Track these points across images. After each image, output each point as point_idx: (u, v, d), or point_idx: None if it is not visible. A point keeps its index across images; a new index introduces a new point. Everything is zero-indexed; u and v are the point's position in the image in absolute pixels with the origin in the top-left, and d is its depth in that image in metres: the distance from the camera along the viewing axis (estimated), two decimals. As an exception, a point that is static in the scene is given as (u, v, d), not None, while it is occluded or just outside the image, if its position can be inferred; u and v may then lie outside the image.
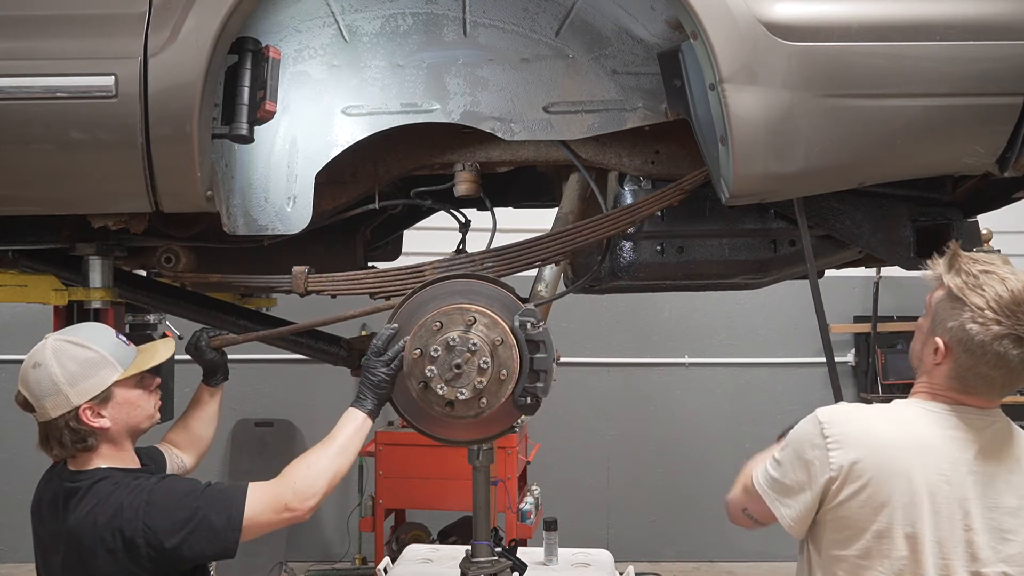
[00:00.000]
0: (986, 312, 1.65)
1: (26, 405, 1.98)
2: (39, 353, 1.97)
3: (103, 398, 1.96)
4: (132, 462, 2.06)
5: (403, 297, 2.21)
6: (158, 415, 2.12)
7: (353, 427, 2.06)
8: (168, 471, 2.25)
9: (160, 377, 2.13)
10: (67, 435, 1.95)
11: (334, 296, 2.35)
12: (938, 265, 1.77)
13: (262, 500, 1.92)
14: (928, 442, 1.71)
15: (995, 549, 1.68)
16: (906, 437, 1.72)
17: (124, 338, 2.07)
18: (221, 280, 2.44)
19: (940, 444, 1.71)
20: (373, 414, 2.09)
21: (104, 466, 1.99)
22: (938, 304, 1.75)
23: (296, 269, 2.31)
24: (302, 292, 2.31)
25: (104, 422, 1.97)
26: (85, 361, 1.96)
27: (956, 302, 1.70)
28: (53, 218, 2.32)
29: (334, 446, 2.02)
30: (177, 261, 2.35)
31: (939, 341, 1.72)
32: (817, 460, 1.72)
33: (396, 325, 2.14)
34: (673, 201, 2.24)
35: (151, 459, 2.21)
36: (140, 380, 2.05)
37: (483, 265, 2.26)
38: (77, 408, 1.94)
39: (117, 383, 1.98)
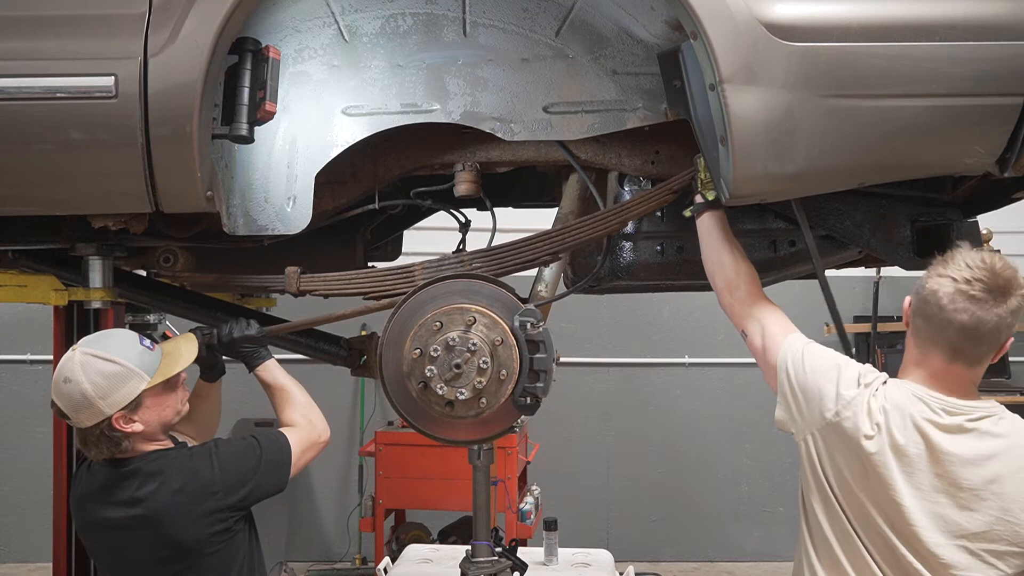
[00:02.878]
0: (939, 274, 1.76)
1: (61, 414, 2.07)
2: (68, 368, 2.04)
3: (134, 406, 2.06)
4: (168, 444, 2.18)
5: (404, 296, 2.21)
6: (186, 407, 2.23)
7: (281, 371, 2.35)
8: None
9: (185, 372, 2.19)
10: (103, 441, 2.06)
11: (326, 296, 2.36)
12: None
13: (301, 440, 2.24)
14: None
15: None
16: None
17: (148, 342, 2.14)
18: (217, 280, 2.46)
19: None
20: (271, 355, 2.37)
21: (150, 450, 2.12)
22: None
23: (289, 269, 2.31)
24: (295, 292, 2.32)
25: (136, 426, 2.07)
26: (112, 375, 2.03)
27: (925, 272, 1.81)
28: (53, 218, 2.32)
29: (294, 389, 2.33)
30: (175, 261, 2.37)
31: (907, 301, 1.83)
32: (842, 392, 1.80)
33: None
34: (663, 202, 2.24)
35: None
36: (167, 383, 2.13)
37: (472, 266, 2.26)
38: (110, 417, 2.04)
39: (146, 390, 2.07)
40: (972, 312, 1.73)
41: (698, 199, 2.16)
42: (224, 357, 2.40)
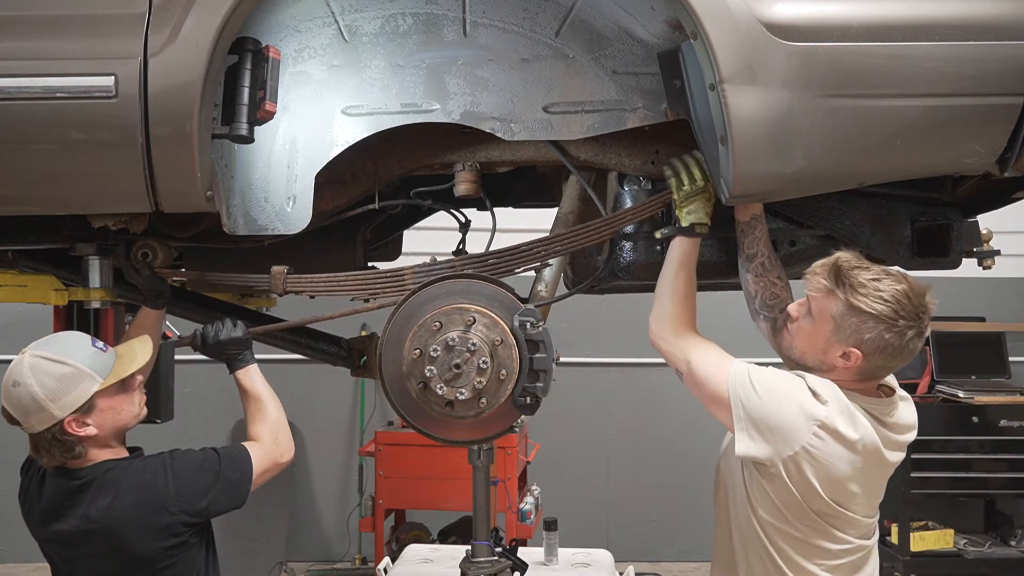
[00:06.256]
0: (899, 322, 1.83)
1: (12, 420, 2.02)
2: (17, 371, 1.99)
3: (86, 409, 2.00)
4: (123, 453, 2.13)
5: (403, 296, 2.21)
6: (144, 410, 2.17)
7: (261, 379, 2.30)
8: None
9: (142, 375, 2.14)
10: (55, 446, 2.01)
11: (312, 297, 2.34)
12: (822, 279, 1.90)
13: (263, 459, 2.18)
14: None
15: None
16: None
17: (101, 344, 2.09)
18: (198, 278, 2.44)
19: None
20: (254, 359, 2.32)
21: (103, 459, 2.06)
22: (841, 317, 1.87)
23: (275, 269, 2.29)
24: (280, 292, 2.30)
25: (90, 430, 2.02)
26: (63, 376, 1.98)
27: (863, 315, 1.84)
28: (53, 218, 2.31)
29: (270, 401, 2.28)
30: (154, 256, 2.31)
31: (855, 351, 1.87)
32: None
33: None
34: (654, 211, 2.25)
35: None
36: (122, 384, 2.07)
37: (463, 271, 2.26)
38: (61, 421, 1.98)
39: (99, 392, 2.01)
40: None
41: (671, 226, 2.18)
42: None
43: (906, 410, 2.00)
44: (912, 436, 2.00)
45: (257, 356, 2.32)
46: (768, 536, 1.94)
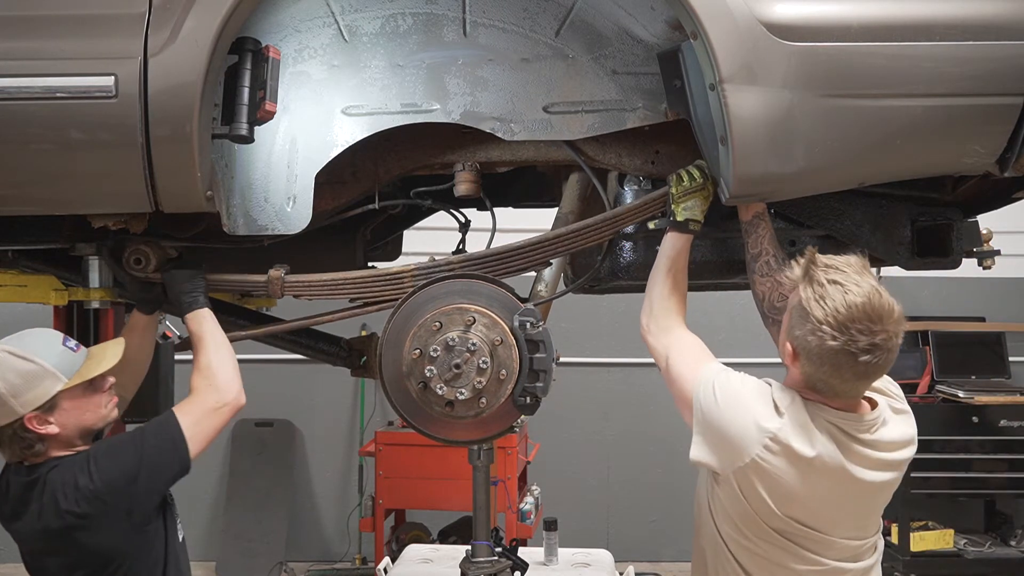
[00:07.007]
0: (823, 327, 1.72)
1: None
2: None
3: (48, 407, 1.99)
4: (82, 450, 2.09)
5: (403, 297, 2.21)
6: (114, 412, 2.14)
7: (211, 323, 2.18)
8: None
9: (113, 377, 2.12)
10: (15, 442, 2.00)
11: (311, 299, 2.33)
12: (797, 268, 1.82)
13: (193, 412, 2.06)
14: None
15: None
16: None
17: (73, 343, 2.08)
18: None
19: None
20: (208, 304, 2.21)
21: (55, 455, 2.03)
22: (793, 309, 1.82)
23: (272, 272, 2.28)
24: (278, 295, 2.29)
25: (52, 428, 2.01)
26: (26, 374, 1.97)
27: (803, 312, 1.76)
28: (53, 218, 2.31)
29: (210, 347, 2.13)
30: (147, 263, 2.27)
31: (789, 346, 1.81)
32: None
33: None
34: (654, 210, 2.24)
35: None
36: (90, 384, 2.06)
37: (461, 271, 2.25)
38: (22, 417, 1.97)
39: (63, 391, 2.00)
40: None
41: (665, 219, 2.16)
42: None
43: (899, 425, 1.88)
44: (906, 453, 1.87)
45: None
46: (731, 549, 1.89)
